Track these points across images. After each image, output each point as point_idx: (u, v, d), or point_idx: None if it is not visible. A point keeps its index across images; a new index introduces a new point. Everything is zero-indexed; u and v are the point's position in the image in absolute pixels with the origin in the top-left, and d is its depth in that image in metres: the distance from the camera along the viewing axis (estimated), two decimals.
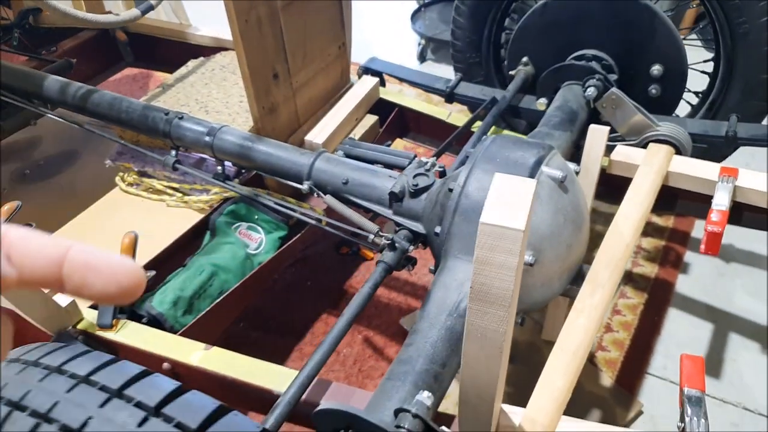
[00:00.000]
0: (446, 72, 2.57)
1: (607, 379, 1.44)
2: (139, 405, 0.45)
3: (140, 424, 0.43)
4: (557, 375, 0.92)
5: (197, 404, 0.45)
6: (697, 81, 1.69)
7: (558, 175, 1.03)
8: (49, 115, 1.61)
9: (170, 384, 0.47)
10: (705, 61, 1.69)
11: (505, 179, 0.56)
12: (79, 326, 1.12)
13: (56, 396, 0.46)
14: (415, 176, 1.19)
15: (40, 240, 0.30)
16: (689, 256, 1.77)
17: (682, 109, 1.71)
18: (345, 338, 1.57)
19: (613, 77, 1.57)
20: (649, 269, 1.73)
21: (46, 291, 1.07)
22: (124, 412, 0.44)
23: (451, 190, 1.06)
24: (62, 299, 1.09)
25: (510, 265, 0.53)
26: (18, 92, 1.65)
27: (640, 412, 1.38)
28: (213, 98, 1.70)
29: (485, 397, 0.67)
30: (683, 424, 0.86)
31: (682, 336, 1.56)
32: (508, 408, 0.87)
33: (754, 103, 1.60)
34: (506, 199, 0.54)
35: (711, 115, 1.68)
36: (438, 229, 1.07)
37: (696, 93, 1.74)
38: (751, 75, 1.57)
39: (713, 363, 1.48)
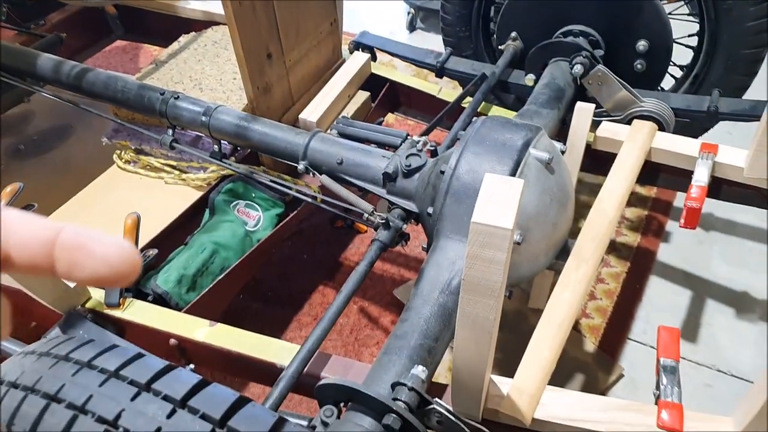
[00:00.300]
0: (436, 41, 2.58)
1: (590, 344, 1.52)
2: (166, 398, 0.50)
3: (169, 416, 0.49)
4: (543, 346, 0.99)
5: (219, 396, 0.50)
6: (681, 55, 1.72)
7: (545, 157, 1.08)
8: (44, 94, 1.62)
9: (193, 378, 0.51)
10: (689, 36, 1.72)
11: (495, 180, 0.61)
12: (88, 305, 1.16)
13: (90, 390, 0.51)
14: (407, 156, 1.23)
15: (34, 222, 0.29)
16: (671, 225, 1.84)
17: (667, 82, 1.76)
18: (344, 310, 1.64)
19: (600, 53, 1.60)
20: (632, 238, 1.79)
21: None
22: (154, 405, 0.49)
23: (442, 172, 1.11)
24: None
25: (499, 260, 0.58)
26: (11, 70, 1.66)
27: (621, 376, 1.47)
28: (207, 75, 1.71)
29: (475, 375, 0.73)
30: (658, 392, 0.93)
31: (662, 302, 1.63)
32: (497, 378, 0.94)
33: (736, 77, 1.64)
34: (496, 199, 0.58)
35: (694, 89, 1.73)
36: (430, 210, 1.12)
37: (681, 67, 1.78)
38: (734, 50, 1.61)
39: (690, 328, 1.56)
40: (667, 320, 1.58)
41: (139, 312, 1.17)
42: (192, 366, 1.02)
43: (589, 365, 1.47)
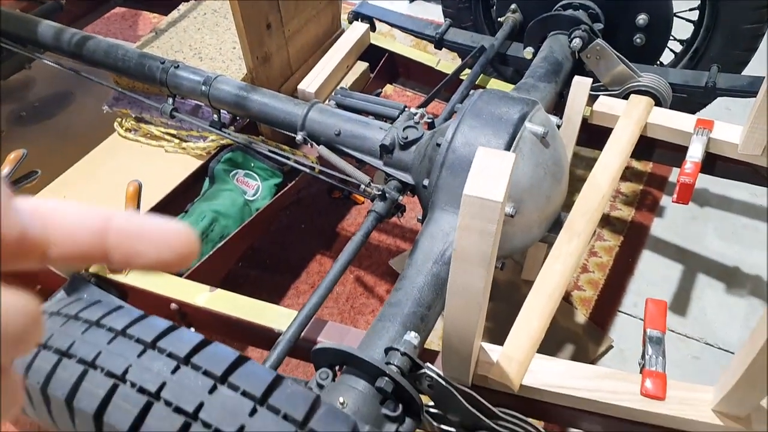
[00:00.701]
0: (435, 11, 2.57)
1: (581, 316, 1.55)
2: (170, 355, 0.52)
3: (173, 372, 0.51)
4: (533, 316, 1.02)
5: (221, 354, 0.53)
6: (682, 29, 1.72)
7: (540, 131, 1.10)
8: (45, 61, 1.63)
9: (196, 337, 0.54)
10: (690, 10, 1.72)
11: (487, 153, 0.63)
12: (91, 269, 1.19)
13: (99, 347, 0.53)
14: (404, 129, 1.25)
15: (78, 210, 0.27)
16: (666, 200, 1.86)
17: (667, 57, 1.76)
18: (340, 279, 1.67)
19: (599, 26, 1.60)
20: (626, 213, 1.82)
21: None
22: (159, 362, 0.52)
23: (438, 145, 1.12)
24: None
25: (489, 231, 0.60)
26: (11, 37, 1.66)
27: (610, 347, 1.50)
28: (206, 44, 1.72)
29: (465, 341, 0.76)
30: (643, 361, 0.96)
31: (653, 276, 1.66)
32: (488, 346, 0.97)
33: (736, 52, 1.65)
34: (487, 173, 0.60)
35: (694, 64, 1.73)
36: (426, 182, 1.14)
37: (681, 41, 1.78)
38: (734, 25, 1.61)
39: (680, 301, 1.60)
40: (658, 293, 1.61)
41: (140, 277, 1.19)
42: (192, 329, 1.05)
43: (580, 336, 1.51)
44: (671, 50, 1.77)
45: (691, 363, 1.48)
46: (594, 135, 1.48)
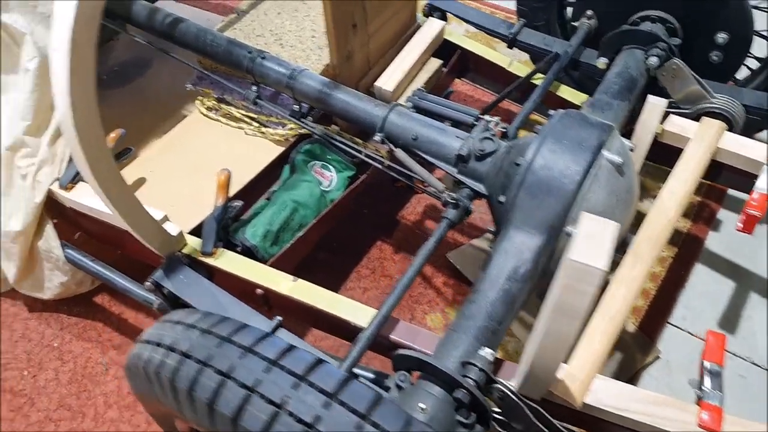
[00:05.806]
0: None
1: (631, 325, 1.62)
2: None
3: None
4: (596, 338, 1.08)
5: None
6: (761, 47, 1.72)
7: (617, 161, 1.15)
8: (137, 39, 1.70)
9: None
10: None
11: (591, 220, 0.69)
12: (185, 251, 1.29)
13: (232, 360, 0.66)
14: (481, 140, 1.30)
15: None
16: (722, 213, 1.88)
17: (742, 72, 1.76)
18: (398, 267, 1.75)
19: (676, 41, 1.61)
20: (683, 224, 1.85)
21: (158, 219, 1.23)
22: (284, 379, 0.64)
23: (517, 165, 1.18)
24: (172, 228, 1.26)
25: (588, 292, 0.67)
26: (107, 12, 1.73)
27: (657, 358, 1.56)
28: (287, 30, 1.77)
29: (549, 375, 0.84)
30: (700, 392, 1.02)
31: (704, 290, 1.71)
32: None
33: None
34: (591, 239, 0.67)
35: None
36: (502, 198, 1.20)
37: (758, 59, 1.77)
38: None
39: (730, 318, 1.64)
40: (708, 308, 1.66)
41: (228, 261, 1.29)
42: (280, 318, 1.13)
43: (629, 345, 1.57)
44: (747, 67, 1.77)
45: (737, 380, 1.53)
46: (663, 152, 1.51)
